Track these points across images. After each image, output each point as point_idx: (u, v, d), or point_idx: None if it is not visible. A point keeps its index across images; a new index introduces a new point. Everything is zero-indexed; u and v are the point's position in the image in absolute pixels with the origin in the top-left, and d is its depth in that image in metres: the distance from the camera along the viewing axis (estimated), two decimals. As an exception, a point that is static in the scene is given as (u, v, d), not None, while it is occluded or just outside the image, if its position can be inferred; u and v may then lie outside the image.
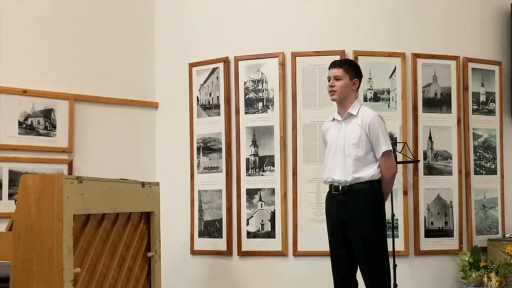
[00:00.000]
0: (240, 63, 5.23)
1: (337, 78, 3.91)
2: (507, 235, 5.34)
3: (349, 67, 3.97)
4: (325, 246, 4.10)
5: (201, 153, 5.37)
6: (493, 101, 5.51)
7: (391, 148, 3.89)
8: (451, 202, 5.23)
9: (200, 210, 5.33)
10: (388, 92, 5.14)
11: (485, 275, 4.90)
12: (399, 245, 4.96)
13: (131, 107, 5.55)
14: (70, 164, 5.06)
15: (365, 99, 5.04)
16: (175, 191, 5.36)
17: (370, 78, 5.07)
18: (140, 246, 3.98)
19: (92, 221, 3.42)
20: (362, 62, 5.00)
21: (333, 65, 3.99)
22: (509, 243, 5.01)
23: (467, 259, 4.98)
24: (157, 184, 4.21)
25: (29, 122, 4.89)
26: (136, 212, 3.94)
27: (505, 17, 5.61)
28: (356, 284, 3.99)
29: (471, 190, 5.30)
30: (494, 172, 5.46)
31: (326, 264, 4.07)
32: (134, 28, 5.63)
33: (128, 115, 5.53)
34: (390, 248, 4.53)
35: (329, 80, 3.97)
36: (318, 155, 4.98)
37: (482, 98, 5.46)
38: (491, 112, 5.49)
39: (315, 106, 5.07)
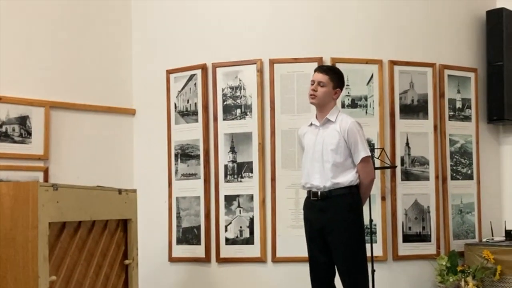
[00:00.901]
0: (218, 69, 5.22)
1: (321, 85, 3.91)
2: (484, 240, 5.39)
3: (335, 76, 3.97)
4: (304, 252, 4.09)
5: (179, 160, 5.34)
6: (469, 107, 5.58)
7: (369, 154, 3.92)
8: (428, 207, 5.27)
9: (178, 217, 5.30)
10: (366, 98, 5.17)
11: (462, 279, 4.95)
12: (377, 250, 4.99)
13: (108, 114, 5.50)
14: (46, 172, 5.00)
15: (342, 106, 5.06)
16: (153, 198, 5.32)
17: (347, 85, 5.07)
18: (117, 253, 3.94)
19: (68, 229, 3.38)
20: (339, 68, 5.01)
21: (320, 70, 3.99)
22: (485, 248, 5.08)
23: (444, 263, 5.01)
24: (134, 191, 4.18)
25: (3, 129, 4.82)
26: (113, 220, 3.90)
27: (480, 25, 5.69)
28: (334, 289, 3.99)
29: (448, 195, 5.36)
30: (470, 177, 5.52)
31: (305, 270, 4.07)
32: (111, 34, 5.59)
33: (105, 122, 5.48)
34: (368, 254, 4.56)
35: (312, 84, 3.96)
36: (296, 161, 4.99)
37: (458, 104, 5.52)
38: (467, 119, 5.55)
39: (294, 113, 5.08)
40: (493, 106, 5.59)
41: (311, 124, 4.05)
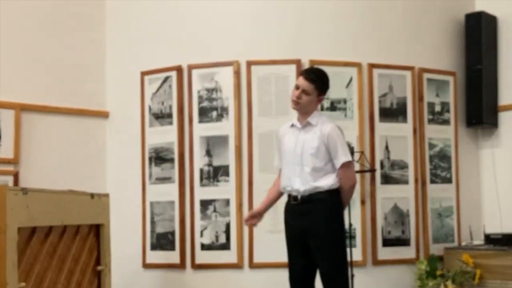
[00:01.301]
0: (193, 71, 5.15)
1: (305, 92, 3.81)
2: (463, 244, 5.41)
3: (321, 85, 3.87)
4: (282, 257, 4.03)
5: (153, 164, 5.25)
6: (448, 111, 5.58)
7: (350, 159, 3.87)
8: (407, 211, 5.26)
9: (152, 222, 5.20)
10: (345, 101, 5.14)
11: (442, 283, 4.96)
12: (357, 254, 4.96)
13: (80, 116, 5.40)
14: (16, 176, 4.90)
15: (322, 109, 5.00)
16: (126, 203, 5.23)
17: (326, 88, 5.07)
18: (89, 259, 3.89)
19: (38, 234, 3.32)
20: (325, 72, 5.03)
21: (307, 77, 3.84)
22: (465, 252, 5.09)
23: (424, 267, 5.02)
24: (107, 195, 4.13)
25: (-28, 131, 4.71)
26: (85, 225, 3.84)
27: (459, 29, 5.70)
28: (313, 294, 3.95)
29: (427, 199, 5.36)
30: (449, 181, 5.52)
31: (283, 276, 4.00)
32: (84, 35, 5.49)
33: (77, 124, 5.38)
34: (347, 258, 4.52)
35: (296, 88, 3.85)
36: (274, 165, 4.89)
37: (437, 108, 5.52)
38: (446, 122, 5.56)
39: (271, 115, 5.02)
40: (472, 110, 5.60)
41: (293, 125, 3.98)
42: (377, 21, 5.30)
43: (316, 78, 3.85)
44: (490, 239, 5.18)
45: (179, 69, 5.17)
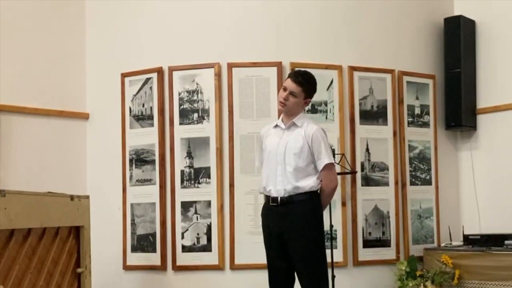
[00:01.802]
0: (174, 73, 5.13)
1: (293, 95, 3.81)
2: (442, 244, 5.44)
3: (309, 88, 3.86)
4: (263, 259, 4.00)
5: (133, 165, 5.22)
6: (428, 113, 5.63)
7: (333, 161, 3.87)
8: (388, 212, 5.30)
9: (133, 224, 5.17)
10: (326, 104, 5.15)
11: (422, 283, 4.99)
12: (338, 256, 4.97)
13: (60, 118, 5.35)
14: (-6, 177, 4.82)
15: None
16: (107, 205, 5.19)
17: (307, 90, 5.08)
18: (69, 261, 3.83)
19: (17, 236, 3.27)
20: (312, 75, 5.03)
21: (295, 80, 3.82)
22: (444, 252, 5.13)
23: (404, 268, 5.05)
24: (87, 197, 4.07)
25: None
26: (64, 227, 3.79)
27: (438, 32, 5.75)
28: (293, 296, 3.94)
29: (407, 200, 5.40)
30: (429, 182, 5.57)
31: (264, 277, 3.97)
32: (63, 36, 5.44)
33: (57, 126, 5.33)
34: (328, 259, 4.53)
35: (284, 90, 3.84)
36: (256, 166, 4.88)
37: (417, 110, 5.57)
38: (425, 125, 5.60)
39: (252, 117, 5.02)
40: (451, 113, 5.65)
41: (276, 126, 3.97)
42: (357, 25, 5.32)
43: (304, 81, 3.84)
44: (468, 240, 5.23)
45: (160, 71, 5.14)
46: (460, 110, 5.58)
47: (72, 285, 3.83)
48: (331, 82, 5.16)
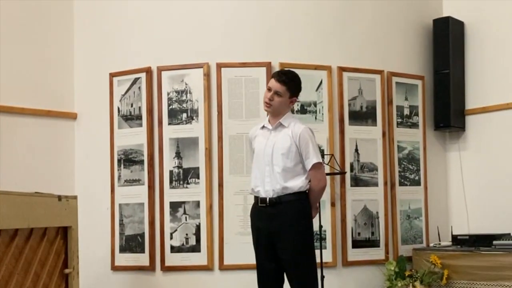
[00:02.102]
0: (163, 73, 5.11)
1: (278, 94, 3.81)
2: (431, 245, 5.46)
3: (293, 86, 3.87)
4: (252, 260, 4.00)
5: (122, 165, 5.19)
6: (417, 114, 5.64)
7: (321, 160, 3.86)
8: (377, 213, 5.30)
9: (121, 224, 5.14)
10: (315, 104, 5.15)
11: (410, 284, 4.99)
12: (327, 256, 4.97)
13: (47, 118, 5.31)
14: (-20, 178, 4.77)
15: (292, 111, 4.92)
16: (95, 205, 5.16)
17: (296, 90, 5.08)
18: (56, 262, 3.77)
19: (3, 237, 3.22)
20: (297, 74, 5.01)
21: (278, 79, 3.84)
22: (433, 252, 5.14)
23: (392, 268, 5.05)
24: (75, 197, 4.00)
25: None
26: (52, 227, 3.73)
27: (427, 33, 5.77)
28: (282, 297, 3.93)
29: (396, 201, 5.41)
30: (418, 183, 5.58)
31: (253, 278, 3.98)
32: (51, 35, 5.40)
33: (44, 126, 5.29)
34: (318, 260, 4.53)
35: (268, 90, 3.85)
36: (245, 167, 4.91)
37: (406, 111, 5.58)
38: (414, 125, 5.62)
39: (242, 118, 5.01)
40: (440, 114, 5.66)
41: (263, 127, 3.97)
42: (347, 25, 5.32)
43: (288, 80, 3.85)
44: (457, 240, 5.24)
45: (148, 71, 5.12)
46: (448, 111, 5.59)
47: (59, 286, 3.77)
48: (320, 82, 5.16)
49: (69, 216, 3.90)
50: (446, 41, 5.62)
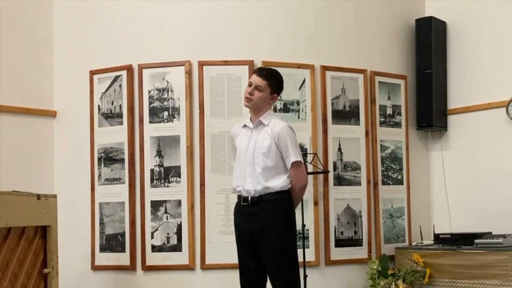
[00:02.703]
0: (144, 71, 5.06)
1: (258, 89, 3.79)
2: (414, 243, 5.47)
3: (274, 82, 3.85)
4: (234, 259, 3.98)
5: (102, 164, 5.13)
6: (399, 114, 5.65)
7: (301, 159, 3.83)
8: (360, 212, 5.31)
9: (102, 224, 5.08)
10: (298, 103, 5.14)
11: (393, 282, 5.01)
12: (310, 255, 4.96)
13: (26, 115, 5.23)
14: (-44, 176, 4.69)
15: (275, 110, 4.99)
16: (75, 204, 5.09)
17: (279, 89, 5.06)
18: (35, 262, 3.71)
19: None
20: (279, 72, 4.98)
21: (259, 73, 3.85)
22: (415, 251, 5.15)
23: (375, 267, 5.06)
24: (55, 196, 3.93)
25: None
26: (30, 226, 3.67)
27: (410, 33, 5.78)
28: (264, 297, 3.91)
29: (379, 200, 5.42)
30: (400, 182, 5.60)
31: (235, 277, 3.96)
32: (30, 32, 5.31)
33: (23, 124, 5.21)
34: (300, 259, 4.53)
35: (249, 85, 3.83)
36: (227, 165, 4.88)
37: (389, 111, 5.59)
38: (397, 125, 5.63)
39: (224, 116, 4.97)
40: (422, 113, 5.68)
41: (245, 126, 3.94)
42: (330, 24, 5.31)
43: (268, 75, 3.84)
44: (439, 239, 5.26)
45: (129, 69, 5.07)
46: (431, 111, 5.61)
47: (38, 286, 3.71)
48: (303, 81, 5.15)
49: (48, 215, 3.84)
50: (429, 41, 5.64)
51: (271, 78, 3.84)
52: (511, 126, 5.32)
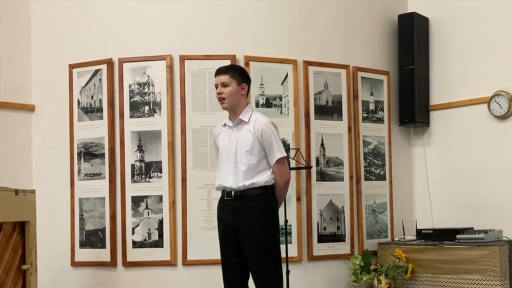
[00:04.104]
0: (124, 65, 5.00)
1: (224, 85, 3.83)
2: (396, 239, 5.49)
3: (235, 72, 3.88)
4: (216, 255, 3.97)
5: (82, 159, 5.05)
6: (382, 109, 5.66)
7: (285, 155, 3.85)
8: (343, 207, 5.30)
9: (81, 219, 5.01)
10: (280, 98, 5.11)
11: (375, 278, 5.02)
12: (292, 251, 4.95)
13: (3, 109, 5.14)
14: None
15: (257, 105, 4.98)
16: (54, 199, 5.02)
17: (262, 84, 5.03)
18: (13, 258, 3.67)
19: None
20: (253, 67, 4.98)
21: (219, 72, 3.90)
22: (397, 247, 5.18)
23: (358, 262, 5.06)
24: (33, 191, 3.91)
25: None
26: (8, 222, 3.64)
27: (393, 29, 5.80)
28: (248, 291, 3.91)
29: (362, 195, 5.42)
30: (383, 178, 5.61)
31: (217, 273, 3.93)
32: (7, 24, 5.20)
33: (1, 118, 5.10)
34: (283, 254, 4.51)
35: (216, 88, 3.87)
36: (209, 161, 4.85)
37: (372, 106, 5.59)
38: (380, 120, 5.64)
39: (205, 111, 4.93)
40: (405, 109, 5.70)
41: (225, 125, 3.96)
42: (312, 19, 5.30)
43: (225, 69, 3.91)
44: (421, 234, 5.28)
45: (109, 63, 5.00)
46: (413, 107, 5.62)
47: (16, 282, 3.68)
48: (286, 76, 5.12)
49: (27, 211, 3.81)
50: (411, 37, 5.65)
51: (229, 70, 3.90)
52: (493, 122, 5.35)
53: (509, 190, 5.19)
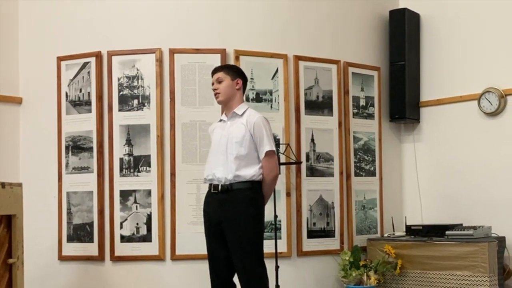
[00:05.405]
0: (113, 58, 4.95)
1: (219, 81, 3.93)
2: (385, 235, 5.50)
3: (229, 69, 4.01)
4: (205, 249, 3.96)
5: (70, 152, 5.01)
6: (372, 105, 5.65)
7: (274, 148, 3.88)
8: (332, 203, 5.29)
9: (69, 213, 4.97)
10: (271, 93, 5.10)
11: (365, 273, 5.02)
12: (282, 246, 4.93)
13: (-10, 102, 5.09)
14: None
15: (247, 100, 4.94)
16: (41, 193, 4.98)
17: (252, 78, 5.00)
18: (-1, 252, 3.62)
19: None
20: (243, 61, 4.96)
21: (214, 70, 4.03)
22: (387, 242, 5.19)
23: (347, 258, 5.06)
24: (20, 185, 3.86)
25: None
26: None
27: (384, 24, 5.79)
28: (234, 286, 3.91)
29: (352, 191, 5.42)
30: (373, 174, 5.61)
31: (205, 268, 3.92)
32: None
33: (-13, 111, 5.06)
34: (272, 250, 4.51)
35: (212, 85, 3.97)
36: (198, 155, 4.82)
37: (362, 102, 5.58)
38: (370, 116, 5.63)
39: (195, 105, 4.90)
40: (395, 105, 5.70)
41: (220, 120, 4.04)
42: (304, 14, 5.27)
43: (220, 68, 4.07)
44: (411, 230, 5.29)
45: (98, 55, 4.95)
46: (404, 103, 5.63)
47: (3, 276, 3.64)
48: (276, 71, 5.10)
49: (14, 204, 3.77)
50: (402, 33, 5.65)
51: (224, 68, 4.06)
52: (483, 119, 5.36)
53: (498, 187, 5.21)
